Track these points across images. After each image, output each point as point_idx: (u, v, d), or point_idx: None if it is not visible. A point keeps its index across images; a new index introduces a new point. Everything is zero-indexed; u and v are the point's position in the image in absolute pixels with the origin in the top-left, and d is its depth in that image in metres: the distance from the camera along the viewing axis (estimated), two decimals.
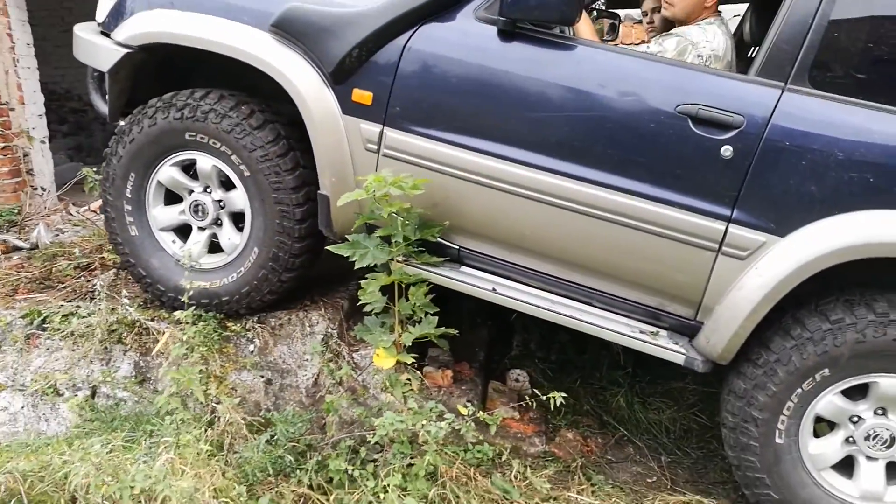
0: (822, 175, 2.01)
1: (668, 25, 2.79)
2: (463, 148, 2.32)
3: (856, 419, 2.20)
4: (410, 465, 2.11)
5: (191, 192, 2.64)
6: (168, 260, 2.71)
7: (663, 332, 2.35)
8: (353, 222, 2.48)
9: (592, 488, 2.47)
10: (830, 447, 2.24)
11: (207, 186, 2.62)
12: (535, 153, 2.27)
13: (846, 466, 2.27)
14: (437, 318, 2.33)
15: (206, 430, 2.23)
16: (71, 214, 4.67)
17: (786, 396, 2.16)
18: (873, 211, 1.99)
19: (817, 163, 2.01)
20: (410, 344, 2.31)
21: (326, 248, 2.41)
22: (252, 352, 2.71)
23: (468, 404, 2.54)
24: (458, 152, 2.32)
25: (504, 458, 2.46)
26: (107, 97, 2.66)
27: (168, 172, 2.60)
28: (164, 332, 2.58)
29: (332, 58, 2.33)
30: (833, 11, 2.02)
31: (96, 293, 2.91)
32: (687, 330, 2.33)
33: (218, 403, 2.36)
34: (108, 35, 2.63)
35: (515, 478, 2.36)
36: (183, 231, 2.75)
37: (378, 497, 2.03)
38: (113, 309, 2.79)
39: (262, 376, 2.67)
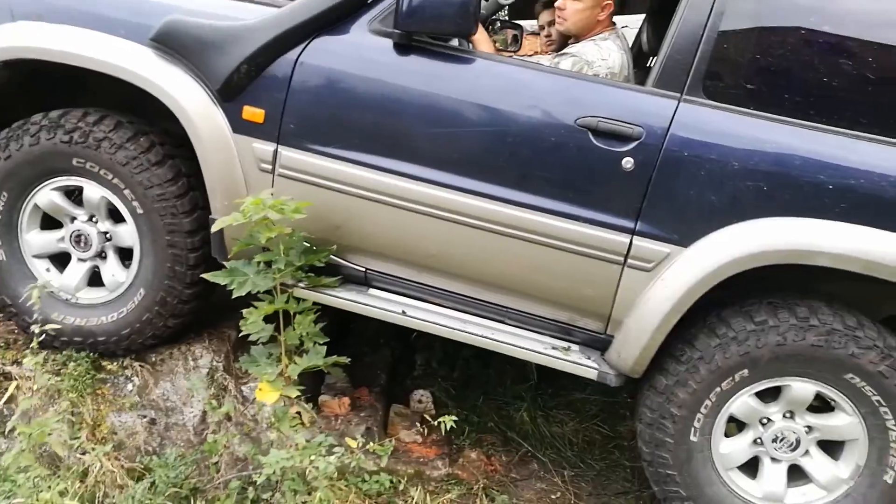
0: (720, 184, 2.03)
1: (565, 39, 2.79)
2: (362, 165, 2.22)
3: (765, 421, 2.23)
4: (304, 503, 2.00)
5: (73, 219, 2.42)
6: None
7: (575, 347, 2.33)
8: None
9: None
10: (739, 447, 2.27)
11: (93, 216, 2.41)
12: (436, 169, 2.20)
13: (751, 467, 2.31)
14: (325, 346, 2.24)
15: (74, 483, 2.08)
16: None
17: (705, 394, 2.16)
18: (770, 219, 2.01)
19: (715, 172, 2.03)
20: (299, 373, 2.21)
21: (202, 276, 2.26)
22: (131, 391, 2.53)
23: (361, 434, 2.48)
24: (358, 170, 2.23)
25: (402, 486, 2.41)
26: None
27: (48, 196, 2.37)
28: (14, 380, 2.34)
29: (218, 74, 2.19)
30: (722, 23, 2.05)
31: None
32: (598, 344, 2.32)
33: (83, 454, 2.19)
34: None
35: None
36: (59, 259, 2.51)
37: None
38: None
39: (145, 416, 2.49)
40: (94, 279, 2.51)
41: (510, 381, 3.18)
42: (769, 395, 2.22)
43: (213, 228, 2.15)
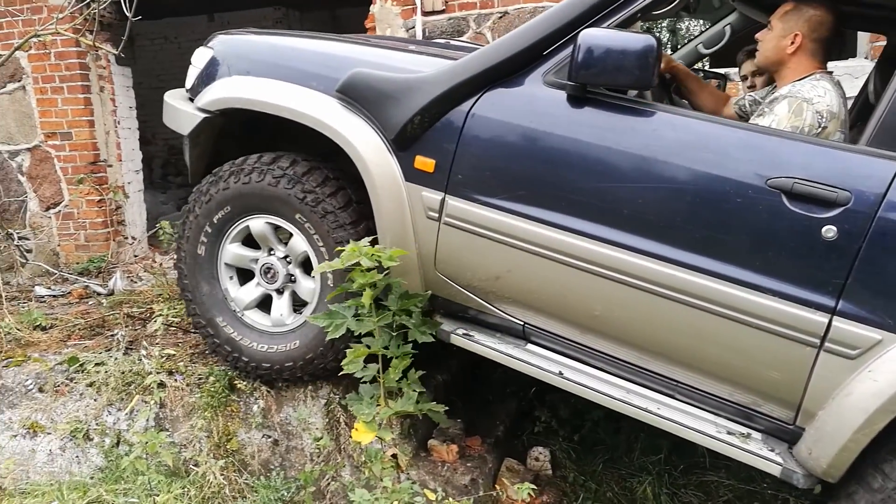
0: None
1: (767, 84, 2.51)
2: (528, 219, 2.18)
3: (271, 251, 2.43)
4: None
5: (271, 251, 2.64)
6: (246, 330, 2.70)
7: (756, 435, 2.05)
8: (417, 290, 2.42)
9: None
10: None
11: (288, 256, 2.61)
12: (607, 227, 2.08)
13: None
14: (418, 392, 2.28)
15: (189, 491, 2.32)
16: (153, 264, 5.01)
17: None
18: None
19: None
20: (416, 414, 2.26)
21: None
22: (257, 412, 2.77)
23: (465, 484, 2.44)
24: (524, 223, 2.19)
25: None
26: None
27: (261, 225, 2.57)
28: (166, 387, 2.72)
29: (394, 124, 2.29)
30: None
31: (117, 344, 3.10)
32: (785, 435, 2.02)
33: (196, 466, 2.44)
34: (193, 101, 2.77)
35: None
36: (243, 274, 2.75)
37: None
38: (135, 360, 2.95)
39: (269, 437, 2.70)
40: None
41: (639, 450, 2.94)
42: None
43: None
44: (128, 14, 3.53)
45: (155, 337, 3.25)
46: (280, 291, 2.64)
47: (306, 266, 2.56)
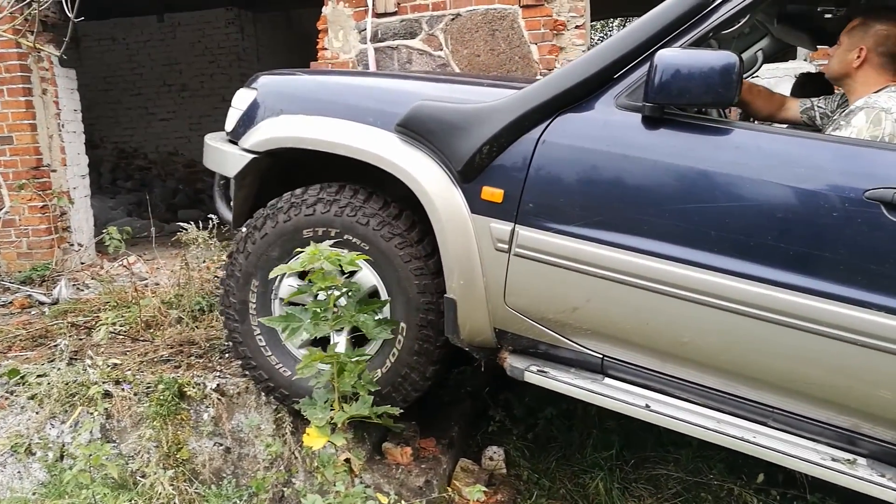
0: None
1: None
2: (609, 245, 2.14)
3: None
4: None
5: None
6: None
7: (861, 461, 2.04)
8: (482, 330, 2.36)
9: None
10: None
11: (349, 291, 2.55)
12: (695, 249, 2.05)
13: None
14: (373, 396, 2.34)
15: (135, 502, 2.35)
16: (100, 271, 4.94)
17: None
18: None
19: None
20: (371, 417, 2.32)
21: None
22: (208, 420, 2.78)
23: (420, 486, 2.51)
24: (604, 250, 2.14)
25: None
26: (231, 203, 2.75)
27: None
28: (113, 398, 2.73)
29: (461, 155, 2.25)
30: None
31: (60, 354, 3.07)
32: (893, 459, 2.01)
33: (144, 477, 2.48)
34: (235, 143, 2.72)
35: None
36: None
37: None
38: (79, 371, 2.92)
39: (221, 445, 2.72)
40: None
41: (591, 446, 3.02)
42: None
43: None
44: (70, 14, 3.30)
45: (101, 346, 3.24)
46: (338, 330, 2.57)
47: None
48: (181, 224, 3.82)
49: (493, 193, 2.21)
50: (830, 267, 1.92)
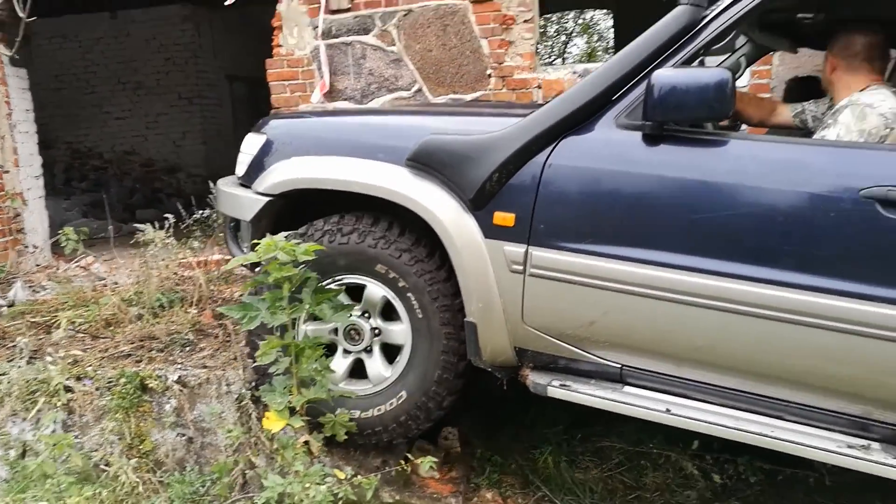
0: None
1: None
2: (617, 259, 2.23)
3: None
4: None
5: (335, 330, 2.66)
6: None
7: (875, 445, 2.16)
8: (503, 350, 2.44)
9: None
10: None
11: (366, 312, 2.63)
12: (702, 257, 2.15)
13: None
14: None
15: (101, 492, 2.42)
16: (56, 272, 4.92)
17: None
18: None
19: None
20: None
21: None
22: (170, 411, 2.85)
23: (378, 466, 2.65)
24: (613, 264, 2.23)
25: None
26: (243, 245, 2.82)
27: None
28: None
29: (472, 184, 2.32)
30: None
31: (20, 352, 3.10)
32: None
33: (107, 466, 2.55)
34: (247, 187, 2.78)
35: None
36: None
37: None
38: (39, 368, 2.98)
39: (184, 435, 2.81)
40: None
41: (542, 423, 3.21)
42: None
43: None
44: (21, 14, 3.20)
45: (60, 344, 3.28)
46: (368, 350, 2.65)
47: (384, 314, 2.62)
48: (138, 225, 3.84)
49: (504, 218, 2.29)
50: (833, 265, 2.02)
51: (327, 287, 2.52)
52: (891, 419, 2.13)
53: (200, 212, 4.28)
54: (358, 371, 2.68)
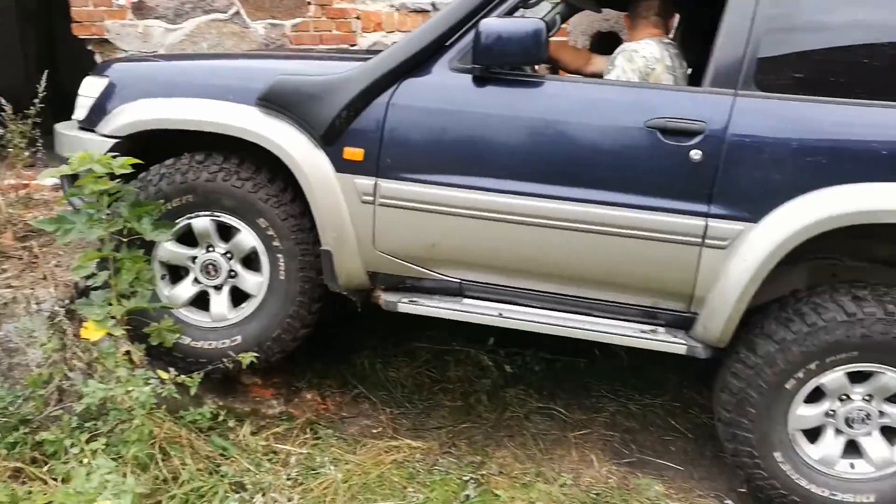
0: (782, 164, 2.35)
1: None
2: (454, 187, 2.59)
3: (844, 397, 2.50)
4: (122, 430, 2.32)
5: (210, 248, 2.78)
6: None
7: (661, 329, 2.66)
8: (357, 274, 2.72)
9: (315, 441, 2.87)
10: (813, 414, 2.53)
11: (229, 252, 2.77)
12: (524, 182, 2.56)
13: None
14: (152, 291, 2.56)
15: None
16: None
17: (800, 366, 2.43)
18: (830, 188, 2.27)
19: (776, 154, 2.38)
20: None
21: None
22: None
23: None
24: (451, 192, 2.59)
25: (231, 422, 2.79)
26: None
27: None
28: None
29: (322, 122, 2.58)
30: (765, 30, 2.40)
31: None
32: (682, 322, 2.67)
33: None
34: (90, 130, 2.80)
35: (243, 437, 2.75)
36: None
37: (82, 462, 2.22)
38: None
39: None
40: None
41: (366, 330, 3.56)
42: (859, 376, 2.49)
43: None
44: None
45: None
46: (218, 288, 2.80)
47: (246, 262, 2.78)
48: None
49: (354, 153, 2.58)
50: (626, 183, 2.47)
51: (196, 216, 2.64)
52: (672, 306, 2.63)
53: None
54: (201, 302, 2.84)
